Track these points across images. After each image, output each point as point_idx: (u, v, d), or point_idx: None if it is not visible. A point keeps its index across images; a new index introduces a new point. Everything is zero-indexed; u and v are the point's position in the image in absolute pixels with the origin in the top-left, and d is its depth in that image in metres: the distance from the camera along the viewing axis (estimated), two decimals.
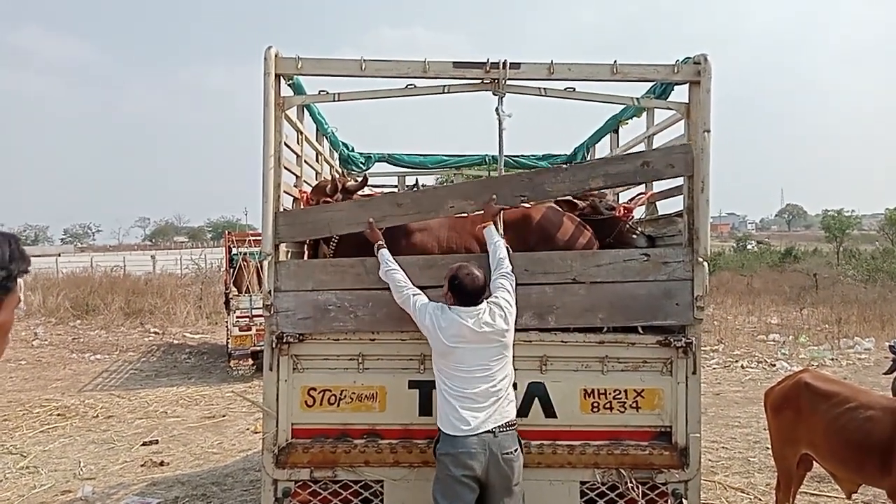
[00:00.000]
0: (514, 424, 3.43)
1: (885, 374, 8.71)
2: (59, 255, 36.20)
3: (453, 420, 3.35)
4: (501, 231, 3.80)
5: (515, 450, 3.38)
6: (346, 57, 3.79)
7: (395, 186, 7.30)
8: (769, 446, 4.98)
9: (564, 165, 4.06)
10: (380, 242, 3.70)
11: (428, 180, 8.43)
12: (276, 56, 3.66)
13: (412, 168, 7.43)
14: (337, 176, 4.94)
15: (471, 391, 3.36)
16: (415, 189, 6.86)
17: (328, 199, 4.21)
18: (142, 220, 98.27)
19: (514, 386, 3.74)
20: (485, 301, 3.46)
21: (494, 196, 3.76)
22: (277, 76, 3.71)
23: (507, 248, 3.70)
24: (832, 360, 12.02)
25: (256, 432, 7.53)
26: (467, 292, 3.43)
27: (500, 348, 3.44)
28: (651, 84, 4.15)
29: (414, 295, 3.55)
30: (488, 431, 3.32)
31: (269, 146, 3.67)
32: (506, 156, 4.20)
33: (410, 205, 3.80)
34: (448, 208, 3.79)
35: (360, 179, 4.57)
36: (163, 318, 17.06)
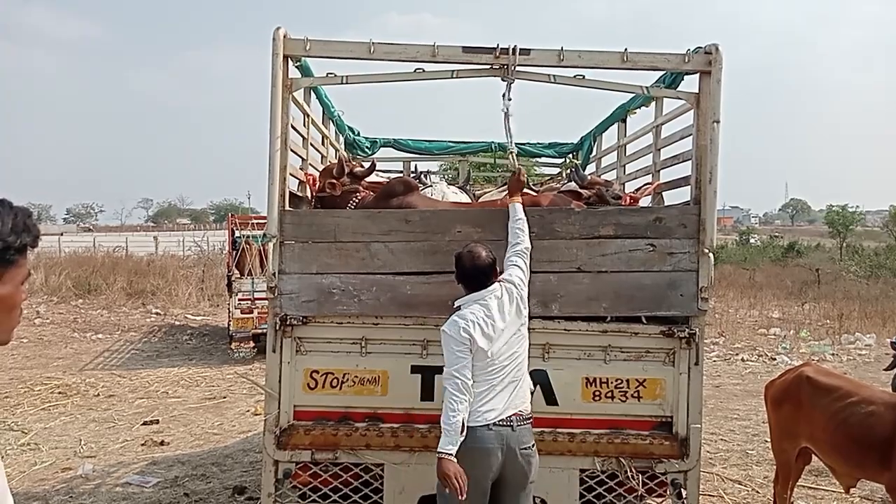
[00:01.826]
0: (531, 418, 3.30)
1: (886, 369, 8.71)
2: (62, 235, 36.26)
3: (471, 411, 3.14)
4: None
5: (533, 445, 3.25)
6: (354, 40, 3.75)
7: (401, 172, 7.28)
8: (768, 439, 5.00)
9: (577, 209, 3.96)
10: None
11: (432, 166, 8.44)
12: (284, 37, 3.64)
13: (418, 154, 7.41)
14: (345, 158, 4.92)
15: (496, 379, 3.19)
16: (417, 175, 6.85)
17: (334, 181, 4.20)
18: (145, 200, 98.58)
19: None
20: (497, 282, 3.30)
21: (522, 169, 3.72)
22: (285, 57, 3.68)
23: (526, 227, 3.56)
24: (833, 355, 12.02)
25: (257, 414, 7.57)
26: (468, 273, 3.26)
27: (521, 327, 3.33)
28: (661, 73, 4.12)
29: (456, 370, 3.13)
30: (506, 425, 3.15)
31: (275, 128, 3.65)
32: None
33: (419, 223, 3.78)
34: (455, 232, 3.75)
35: (367, 165, 4.56)
36: (164, 299, 17.09)
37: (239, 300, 11.15)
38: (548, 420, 3.76)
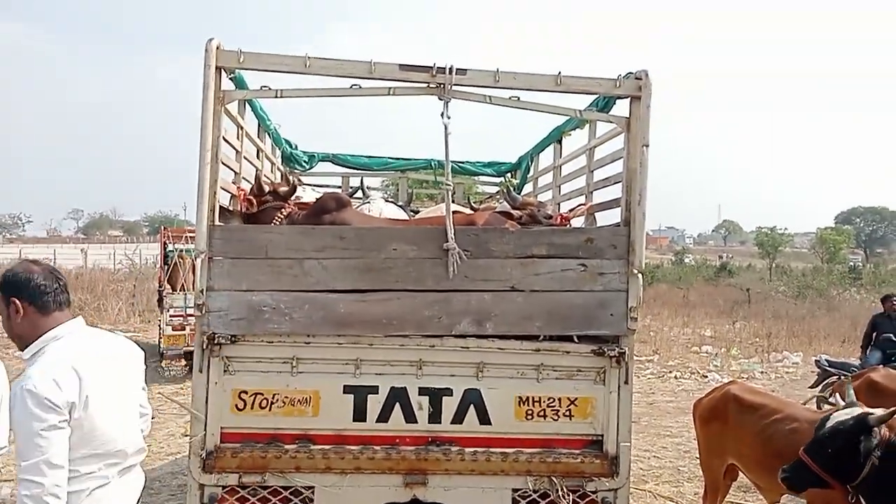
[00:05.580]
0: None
1: (811, 387, 9.08)
2: None
3: None
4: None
5: None
6: (290, 53, 3.70)
7: (339, 187, 7.22)
8: (698, 456, 5.10)
9: (511, 229, 3.98)
10: None
11: (373, 182, 8.39)
12: (217, 48, 3.56)
13: (356, 169, 7.38)
14: (263, 178, 4.83)
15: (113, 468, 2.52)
16: (359, 189, 6.81)
17: (251, 199, 4.15)
18: (75, 211, 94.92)
19: (450, 393, 3.74)
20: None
21: None
22: (218, 69, 3.60)
23: None
24: (762, 372, 12.43)
25: (186, 435, 7.30)
26: (44, 288, 2.47)
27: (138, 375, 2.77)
28: (594, 97, 4.20)
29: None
30: None
31: (206, 140, 3.56)
32: (451, 161, 4.18)
33: (354, 240, 3.73)
34: (391, 250, 3.71)
35: (288, 188, 4.55)
36: (93, 314, 16.46)
37: (170, 316, 10.89)
38: (481, 440, 3.75)
